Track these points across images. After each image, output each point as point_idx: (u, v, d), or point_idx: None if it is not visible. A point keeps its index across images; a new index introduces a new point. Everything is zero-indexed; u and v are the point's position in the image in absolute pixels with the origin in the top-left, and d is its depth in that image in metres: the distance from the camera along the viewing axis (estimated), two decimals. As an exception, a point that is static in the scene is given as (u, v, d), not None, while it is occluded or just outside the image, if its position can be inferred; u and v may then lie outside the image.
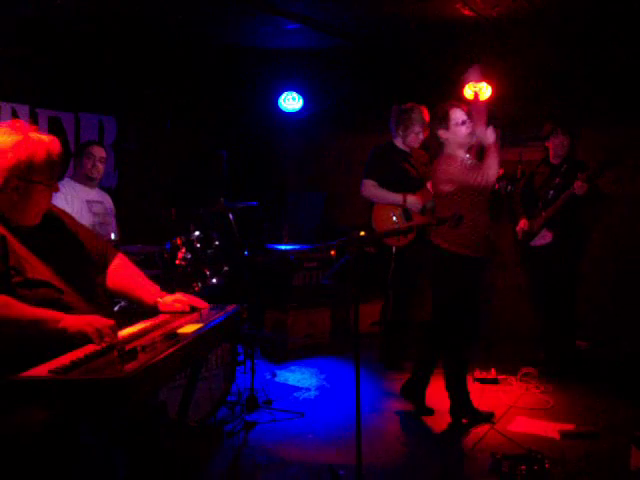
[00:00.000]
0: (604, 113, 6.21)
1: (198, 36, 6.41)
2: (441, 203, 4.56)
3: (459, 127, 4.44)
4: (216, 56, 6.84)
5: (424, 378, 4.69)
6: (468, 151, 4.55)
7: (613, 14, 5.35)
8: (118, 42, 6.05)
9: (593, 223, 5.87)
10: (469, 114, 4.47)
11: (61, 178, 4.80)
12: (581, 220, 5.60)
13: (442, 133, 4.49)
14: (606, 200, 5.71)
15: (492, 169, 4.35)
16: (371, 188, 5.63)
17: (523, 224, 5.69)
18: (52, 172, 2.61)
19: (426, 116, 5.51)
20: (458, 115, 4.44)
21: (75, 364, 2.09)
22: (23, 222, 2.58)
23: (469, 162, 4.48)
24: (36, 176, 2.53)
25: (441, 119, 4.48)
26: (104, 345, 2.31)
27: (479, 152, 4.59)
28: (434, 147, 4.69)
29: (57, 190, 2.67)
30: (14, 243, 2.51)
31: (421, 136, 5.58)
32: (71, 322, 2.39)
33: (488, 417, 4.56)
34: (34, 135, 2.55)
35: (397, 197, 5.51)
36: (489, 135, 4.39)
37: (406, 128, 5.59)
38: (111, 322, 2.44)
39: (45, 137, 2.59)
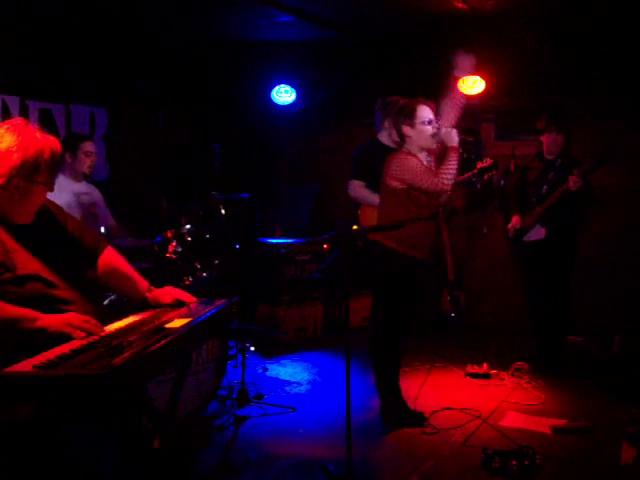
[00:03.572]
0: (599, 107, 6.20)
1: (190, 28, 6.38)
2: (388, 199, 4.42)
3: (425, 126, 4.27)
4: (208, 48, 6.80)
5: (396, 384, 4.56)
6: (429, 153, 4.41)
7: (608, 6, 5.33)
8: (110, 34, 6.00)
9: (586, 219, 5.86)
10: (438, 112, 4.35)
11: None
12: (575, 216, 5.57)
13: (406, 129, 4.33)
14: (600, 196, 5.69)
15: (449, 175, 4.19)
16: (358, 189, 5.51)
17: (515, 221, 5.65)
18: (53, 173, 2.60)
19: None
20: (425, 113, 4.29)
21: (61, 359, 2.07)
22: (18, 221, 2.56)
23: (427, 164, 4.33)
24: (39, 177, 2.51)
25: (407, 115, 4.32)
26: (91, 340, 2.29)
27: (440, 156, 4.41)
28: (397, 143, 4.60)
29: (53, 190, 2.65)
30: (6, 240, 2.49)
31: None
32: (49, 322, 2.36)
33: (420, 418, 4.47)
34: (40, 135, 2.53)
35: None
36: (453, 136, 4.25)
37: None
38: (88, 318, 2.42)
39: (50, 137, 2.57)
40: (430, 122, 4.30)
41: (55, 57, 5.84)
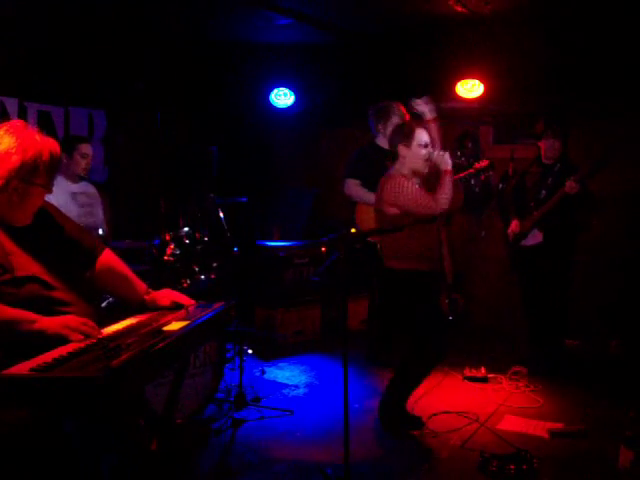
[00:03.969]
0: (598, 110, 6.20)
1: (189, 30, 6.38)
2: (385, 224, 4.41)
3: (420, 149, 4.27)
4: (207, 50, 6.80)
5: (410, 392, 4.54)
6: (418, 175, 4.37)
7: (607, 10, 5.34)
8: (109, 36, 6.00)
9: (585, 224, 5.86)
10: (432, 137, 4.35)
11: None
12: (572, 220, 5.58)
13: (402, 149, 4.31)
14: (597, 200, 5.69)
15: (445, 199, 4.20)
16: (354, 188, 5.61)
17: (515, 226, 5.65)
18: (52, 175, 2.60)
19: (403, 110, 5.49)
20: (423, 137, 4.28)
21: (58, 361, 2.07)
22: (17, 222, 2.56)
23: (418, 187, 4.29)
24: (38, 179, 2.52)
25: (405, 135, 4.31)
26: (88, 342, 2.29)
27: (428, 179, 4.40)
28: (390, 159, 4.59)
29: (51, 192, 2.65)
30: (4, 241, 2.49)
31: None
32: (47, 324, 2.36)
33: (418, 422, 4.46)
34: (39, 137, 2.53)
35: None
36: (446, 160, 4.26)
37: (386, 121, 5.56)
38: (86, 320, 2.42)
39: (49, 139, 2.57)
40: (426, 146, 4.29)
41: (54, 59, 5.84)
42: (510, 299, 6.58)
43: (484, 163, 5.78)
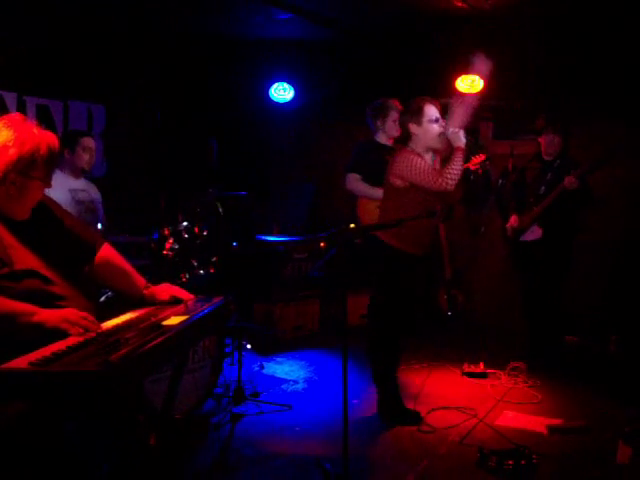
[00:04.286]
0: (598, 107, 6.19)
1: (189, 25, 6.36)
2: (390, 197, 4.41)
3: (432, 124, 4.23)
4: (207, 45, 6.79)
5: (393, 383, 4.56)
6: (435, 153, 4.37)
7: (608, 9, 5.33)
8: (108, 30, 5.98)
9: (583, 219, 5.86)
10: (444, 111, 4.32)
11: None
12: (572, 216, 5.58)
13: (413, 128, 4.28)
14: (599, 196, 5.69)
15: (453, 175, 4.14)
16: (355, 182, 5.60)
17: (514, 221, 5.66)
18: (50, 169, 2.59)
19: (399, 106, 5.49)
20: (432, 112, 4.25)
21: (57, 356, 2.06)
22: (15, 216, 2.56)
23: (431, 164, 4.27)
24: (35, 172, 2.51)
25: (414, 113, 4.28)
26: (87, 337, 2.28)
27: (446, 157, 4.35)
28: (395, 139, 4.56)
29: (50, 186, 2.64)
30: (3, 234, 2.49)
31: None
32: (46, 317, 2.35)
33: (416, 417, 4.47)
34: (37, 131, 2.52)
35: (380, 192, 5.47)
36: (460, 137, 4.20)
37: (384, 117, 5.56)
38: (85, 314, 2.41)
39: (47, 133, 2.56)
40: (437, 120, 4.26)
41: (53, 53, 5.82)
42: (509, 295, 6.58)
43: (481, 157, 5.78)
